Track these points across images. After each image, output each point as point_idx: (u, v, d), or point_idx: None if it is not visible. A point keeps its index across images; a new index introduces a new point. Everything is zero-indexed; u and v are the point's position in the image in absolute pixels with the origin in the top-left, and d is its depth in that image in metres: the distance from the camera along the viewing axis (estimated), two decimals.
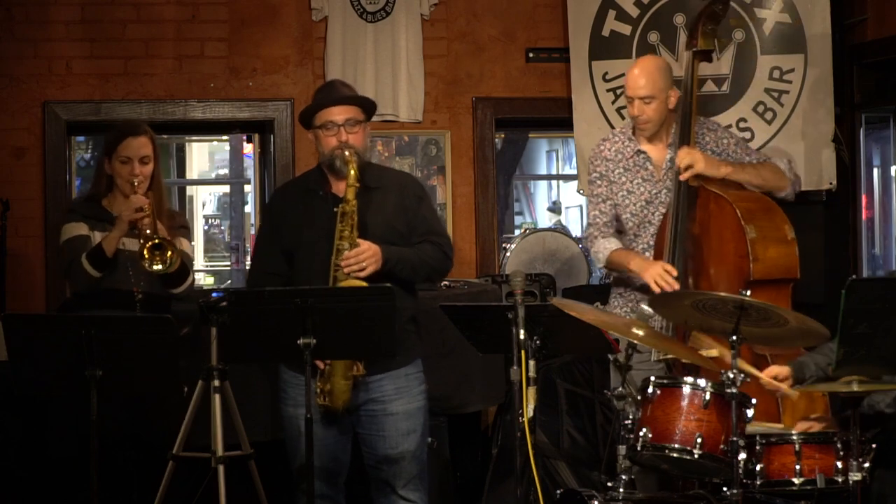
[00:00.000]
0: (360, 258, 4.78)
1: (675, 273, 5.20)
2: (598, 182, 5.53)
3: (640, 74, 5.40)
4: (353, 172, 4.82)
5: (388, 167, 6.21)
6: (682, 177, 5.29)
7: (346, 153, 4.84)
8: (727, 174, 5.36)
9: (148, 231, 5.07)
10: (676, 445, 4.37)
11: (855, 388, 4.22)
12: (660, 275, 5.19)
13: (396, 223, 4.94)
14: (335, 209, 4.83)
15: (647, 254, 5.42)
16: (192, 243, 5.51)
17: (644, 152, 5.47)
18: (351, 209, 4.81)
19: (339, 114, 4.91)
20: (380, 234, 4.87)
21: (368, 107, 5.02)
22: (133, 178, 5.16)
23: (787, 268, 5.23)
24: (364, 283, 4.74)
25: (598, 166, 5.53)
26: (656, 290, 5.16)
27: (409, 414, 4.92)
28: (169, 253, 5.05)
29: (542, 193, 14.99)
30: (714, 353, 4.96)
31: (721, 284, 5.15)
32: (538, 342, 4.54)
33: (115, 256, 5.11)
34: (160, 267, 5.05)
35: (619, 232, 5.54)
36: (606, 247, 5.45)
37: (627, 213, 5.47)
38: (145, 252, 5.03)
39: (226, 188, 14.62)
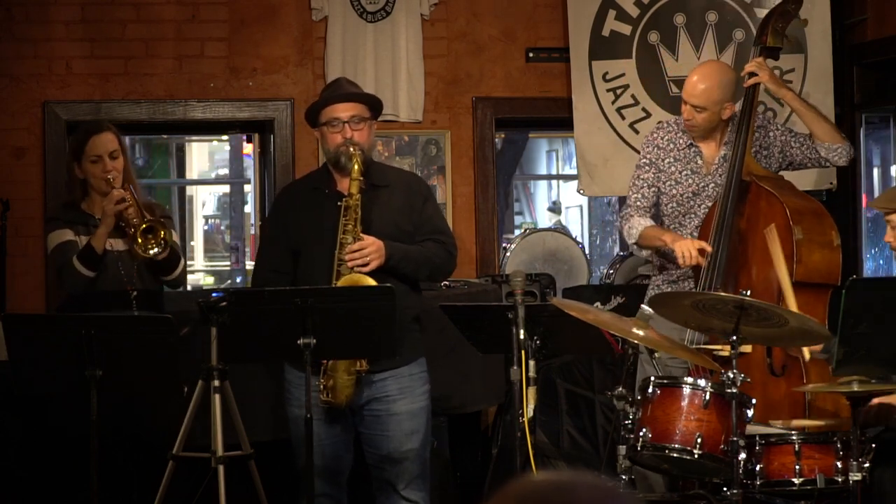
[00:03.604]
0: (364, 252, 4.78)
1: (708, 250, 5.14)
2: (646, 168, 5.47)
3: (700, 81, 5.33)
4: (356, 167, 4.82)
5: (393, 166, 6.21)
6: (745, 83, 5.33)
7: (351, 149, 4.85)
8: (786, 96, 5.46)
9: (135, 220, 5.07)
10: (676, 445, 4.37)
11: (855, 388, 4.23)
12: (689, 248, 5.16)
13: (402, 221, 4.94)
14: (339, 204, 4.84)
15: None
16: (176, 232, 5.50)
17: (696, 146, 5.43)
18: (354, 203, 4.82)
19: (344, 111, 4.91)
20: (385, 231, 4.87)
21: (374, 105, 5.02)
22: (107, 174, 5.17)
23: (829, 273, 5.17)
24: (368, 278, 4.75)
25: (650, 153, 5.48)
26: (682, 263, 5.13)
27: (413, 414, 4.92)
28: (161, 233, 5.04)
29: (542, 193, 14.99)
30: (744, 348, 4.92)
31: (761, 282, 5.11)
32: (538, 342, 4.54)
33: (104, 256, 5.11)
34: (156, 250, 5.04)
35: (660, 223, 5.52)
36: (641, 223, 5.38)
37: (673, 202, 5.43)
38: (138, 237, 5.02)
39: (226, 188, 14.62)
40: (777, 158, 5.48)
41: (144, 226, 5.03)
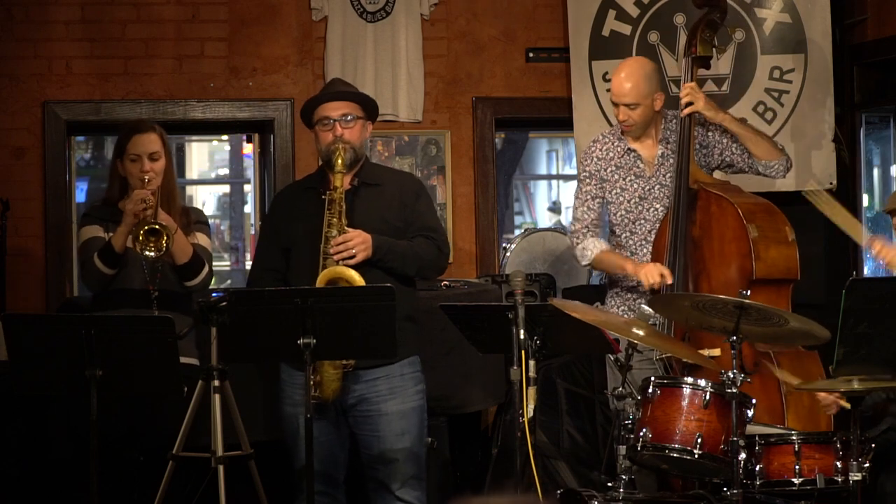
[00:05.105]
0: (349, 245, 4.79)
1: (669, 281, 5.19)
2: (588, 180, 5.54)
3: (626, 79, 5.40)
4: (339, 161, 4.86)
5: (389, 167, 6.22)
6: (682, 113, 5.38)
7: (338, 145, 4.89)
8: (724, 120, 5.47)
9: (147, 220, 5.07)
10: (676, 445, 4.38)
11: (855, 387, 4.23)
12: (652, 272, 5.19)
13: (391, 217, 4.96)
14: (322, 197, 4.86)
15: (645, 250, 5.43)
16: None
17: (634, 150, 5.50)
18: (339, 196, 4.83)
19: (334, 109, 4.95)
20: (374, 227, 4.89)
21: (367, 104, 5.04)
22: (143, 174, 5.16)
23: (788, 268, 5.26)
24: (350, 271, 4.75)
25: (589, 165, 5.55)
26: (647, 286, 5.18)
27: (404, 414, 4.91)
28: (164, 239, 5.02)
29: (542, 193, 14.99)
30: (712, 352, 4.96)
31: (722, 285, 5.15)
32: (538, 342, 4.54)
33: (127, 254, 5.11)
34: (152, 253, 5.03)
35: (611, 233, 5.56)
36: (597, 245, 5.44)
37: (622, 210, 5.48)
38: (140, 235, 5.01)
39: (226, 188, 14.63)
40: (716, 158, 5.56)
41: (147, 227, 5.03)
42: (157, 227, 5.02)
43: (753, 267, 5.15)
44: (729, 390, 4.28)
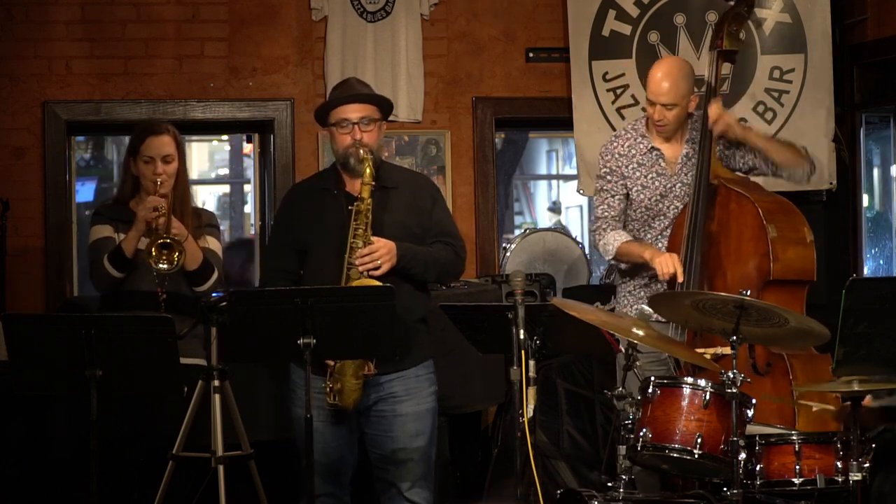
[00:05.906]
0: (375, 256, 4.77)
1: (680, 279, 5.17)
2: (609, 177, 5.46)
3: (664, 78, 5.31)
4: (368, 171, 4.80)
5: (402, 167, 6.20)
6: (717, 132, 5.29)
7: (361, 151, 4.83)
8: (750, 138, 5.40)
9: (162, 231, 5.07)
10: (676, 445, 4.37)
11: (855, 388, 4.23)
12: (668, 263, 5.16)
13: (410, 223, 4.93)
14: (349, 207, 4.83)
15: (661, 244, 5.39)
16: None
17: (657, 149, 5.43)
18: (366, 207, 4.80)
19: (354, 112, 4.89)
20: (392, 233, 4.85)
21: (384, 105, 5.01)
22: (156, 177, 5.16)
23: (804, 270, 5.19)
24: (378, 283, 4.74)
25: (610, 161, 5.48)
26: (662, 276, 5.14)
27: (419, 415, 4.91)
28: (176, 253, 5.04)
29: (542, 193, 14.98)
30: (724, 350, 4.94)
31: (738, 283, 5.11)
32: (538, 342, 4.54)
33: (137, 257, 5.11)
34: (165, 266, 5.05)
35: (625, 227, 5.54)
36: (617, 238, 5.38)
37: (642, 206, 5.43)
38: (153, 250, 5.03)
39: (226, 188, 14.62)
40: (738, 162, 5.51)
41: (162, 241, 5.04)
42: (169, 241, 5.03)
43: (771, 267, 5.11)
44: (729, 390, 4.28)
